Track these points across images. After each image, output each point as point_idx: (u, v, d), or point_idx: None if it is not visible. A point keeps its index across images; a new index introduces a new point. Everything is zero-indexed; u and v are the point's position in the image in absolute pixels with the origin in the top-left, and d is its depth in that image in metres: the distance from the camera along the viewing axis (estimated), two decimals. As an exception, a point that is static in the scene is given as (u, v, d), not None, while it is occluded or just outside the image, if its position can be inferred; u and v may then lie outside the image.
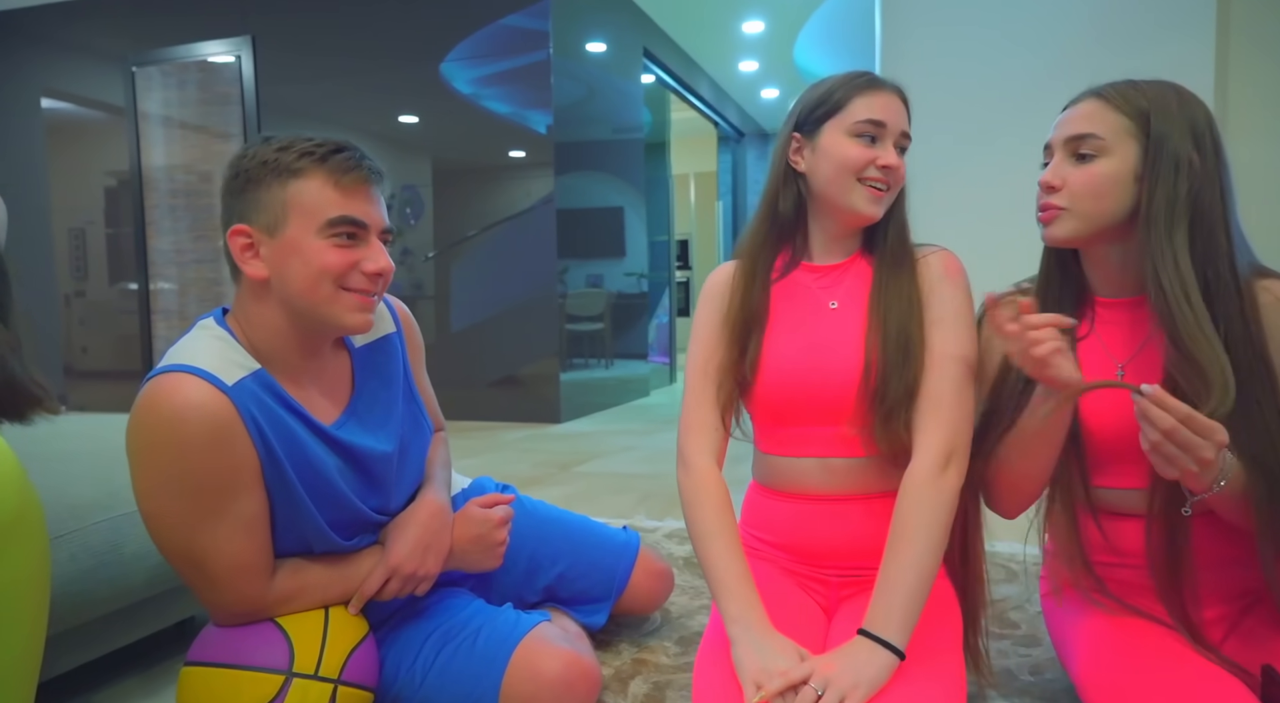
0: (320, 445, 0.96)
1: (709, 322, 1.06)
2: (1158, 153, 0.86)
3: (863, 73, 1.03)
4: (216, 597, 0.93)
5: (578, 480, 2.80)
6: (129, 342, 4.91)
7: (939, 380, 0.95)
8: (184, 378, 0.86)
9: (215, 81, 4.60)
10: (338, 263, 0.91)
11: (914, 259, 1.02)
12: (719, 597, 0.93)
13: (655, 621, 1.46)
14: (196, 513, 0.88)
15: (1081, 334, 0.96)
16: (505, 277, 4.24)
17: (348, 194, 0.92)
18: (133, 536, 1.15)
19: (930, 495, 0.91)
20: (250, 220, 0.91)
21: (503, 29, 4.12)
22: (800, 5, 5.37)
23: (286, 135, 0.94)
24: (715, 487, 1.00)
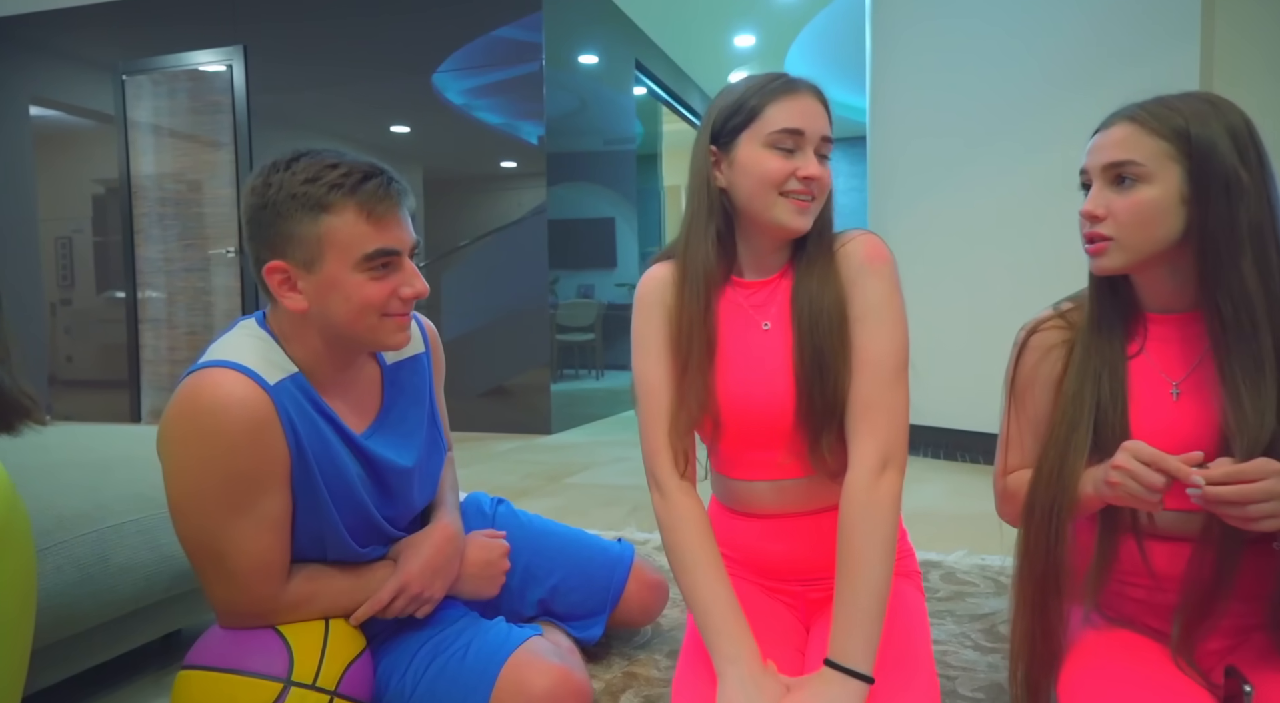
0: (347, 453, 0.98)
1: (653, 335, 0.99)
2: (1204, 173, 0.81)
3: (777, 76, 0.96)
4: (231, 595, 0.93)
5: (568, 492, 2.79)
6: (115, 351, 4.87)
7: (868, 384, 0.91)
8: (227, 373, 0.88)
9: (206, 90, 4.60)
10: (377, 295, 0.92)
11: (829, 255, 0.96)
12: (707, 633, 0.90)
13: (646, 633, 1.45)
14: (227, 507, 0.89)
15: (1132, 352, 0.91)
16: (496, 287, 4.23)
17: (380, 224, 0.92)
18: (120, 548, 1.14)
19: (869, 507, 0.89)
20: (285, 256, 0.91)
21: (495, 40, 4.14)
22: (791, 20, 5.42)
23: (310, 159, 0.92)
24: (693, 511, 0.96)
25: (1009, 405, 1.00)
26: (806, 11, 5.29)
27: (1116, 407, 0.89)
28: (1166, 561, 0.88)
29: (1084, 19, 2.70)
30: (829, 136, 0.96)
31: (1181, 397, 0.88)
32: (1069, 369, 0.93)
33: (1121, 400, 0.89)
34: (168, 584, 1.21)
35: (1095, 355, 0.91)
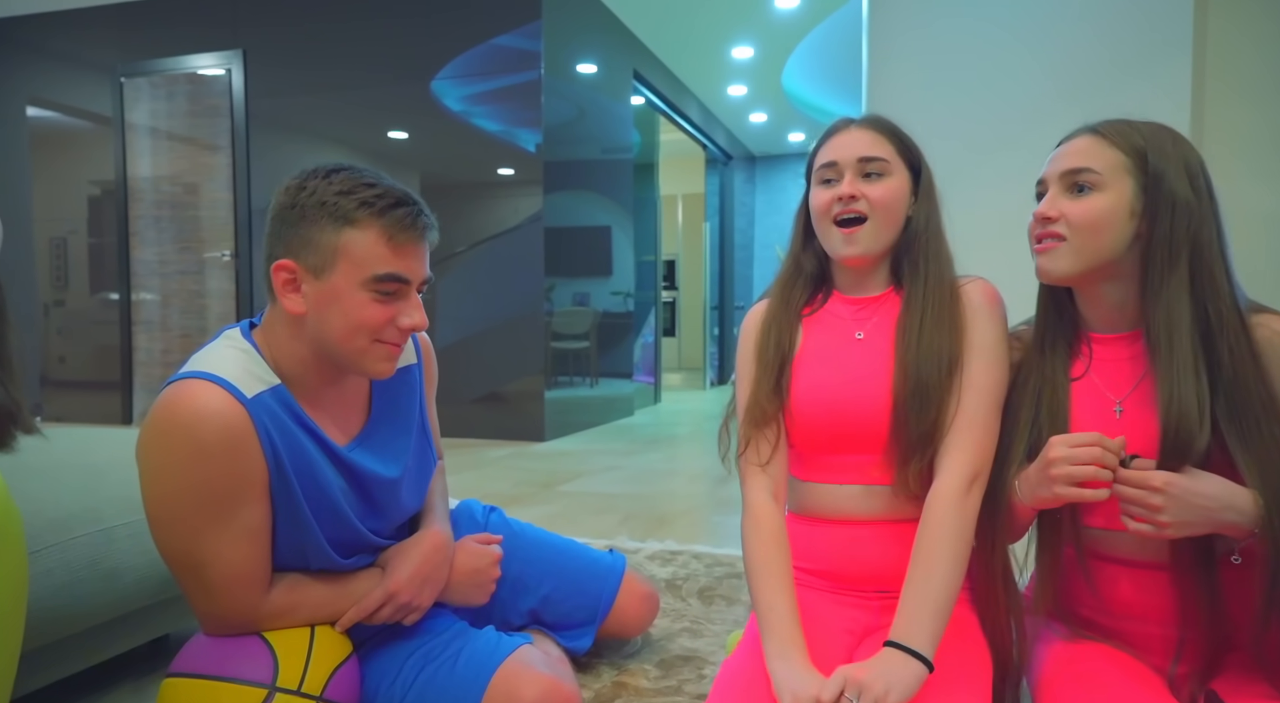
0: (329, 466, 0.98)
1: (746, 361, 1.08)
2: (1155, 190, 0.86)
3: (837, 120, 1.05)
4: (211, 605, 0.93)
5: (560, 500, 2.79)
6: (108, 352, 4.85)
7: (970, 407, 0.96)
8: (204, 385, 0.88)
9: (205, 94, 4.60)
10: (375, 318, 0.93)
11: (953, 293, 1.01)
12: (764, 632, 0.93)
13: (636, 643, 1.45)
14: (202, 518, 0.89)
15: (1077, 375, 0.95)
16: (492, 293, 4.24)
17: (398, 251, 0.93)
18: (110, 551, 1.14)
19: (953, 516, 0.92)
20: (297, 257, 0.92)
21: (494, 48, 4.16)
22: (789, 32, 5.46)
23: (350, 174, 0.93)
24: (770, 523, 1.00)
25: None
26: (804, 24, 5.33)
27: (1056, 426, 0.92)
28: (1114, 586, 0.91)
29: (1081, 34, 2.73)
30: (869, 156, 1.00)
31: (1125, 414, 0.91)
32: (1012, 388, 0.98)
33: (1062, 419, 0.93)
34: (157, 589, 1.21)
35: (1036, 375, 0.96)
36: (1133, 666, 0.90)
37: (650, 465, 3.53)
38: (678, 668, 1.35)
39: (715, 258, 8.22)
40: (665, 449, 4.04)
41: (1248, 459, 0.80)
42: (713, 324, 8.17)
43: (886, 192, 1.00)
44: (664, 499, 2.80)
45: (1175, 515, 0.79)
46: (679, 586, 1.78)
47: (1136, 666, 0.90)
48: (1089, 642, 0.94)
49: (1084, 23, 2.74)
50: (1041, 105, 2.83)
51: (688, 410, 5.95)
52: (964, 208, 3.49)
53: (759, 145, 8.70)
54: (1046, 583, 0.96)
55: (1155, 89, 2.56)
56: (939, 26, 3.19)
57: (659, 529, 2.34)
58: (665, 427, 5.01)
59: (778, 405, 1.04)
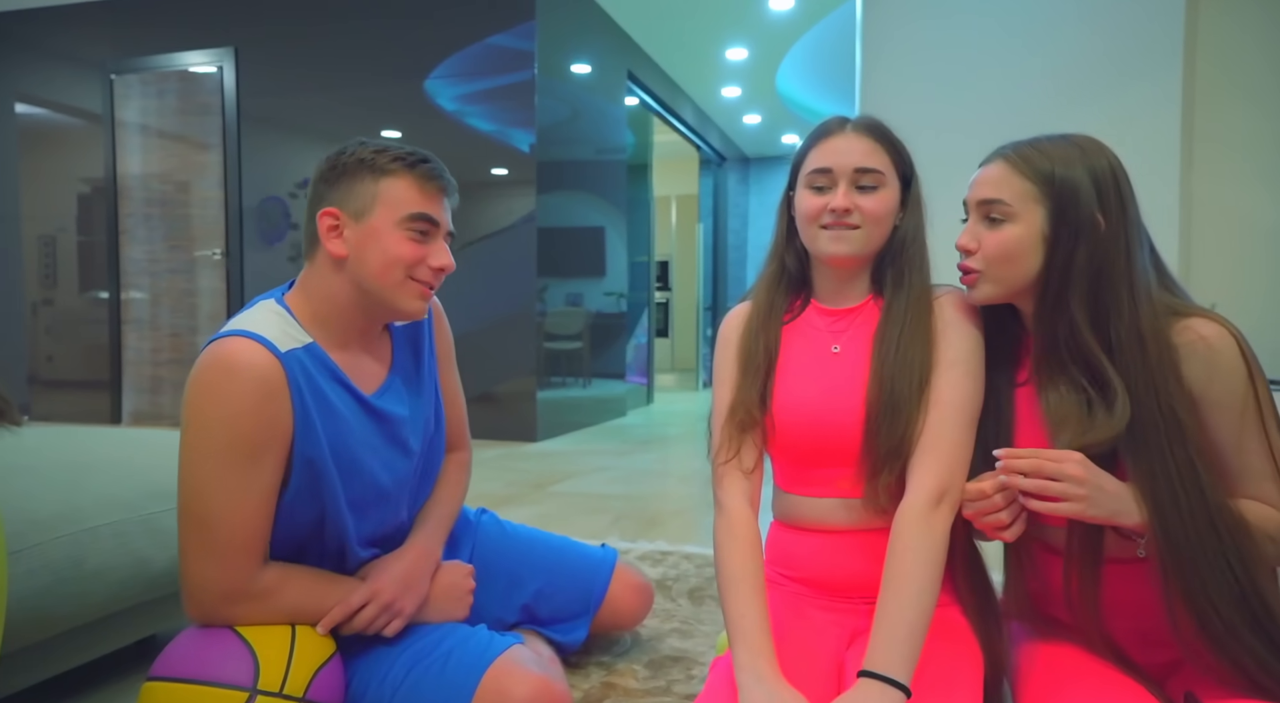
0: (360, 412, 1.05)
1: (726, 365, 1.07)
2: (1060, 218, 0.89)
3: (832, 119, 1.04)
4: (205, 568, 0.95)
5: (551, 500, 2.79)
6: (97, 351, 4.82)
7: (939, 422, 0.95)
8: (241, 341, 0.95)
9: (196, 91, 4.58)
10: (410, 253, 1.03)
11: (927, 303, 1.01)
12: (733, 642, 0.93)
13: (625, 643, 1.45)
14: (226, 466, 0.94)
15: (1021, 381, 0.97)
16: (484, 293, 4.23)
17: (427, 197, 1.05)
18: (94, 551, 1.13)
19: (920, 535, 0.90)
20: (340, 205, 1.03)
21: (488, 48, 4.15)
22: (783, 34, 5.47)
23: (380, 141, 1.06)
24: (746, 531, 0.99)
25: None
26: (798, 26, 5.34)
27: (1001, 435, 0.96)
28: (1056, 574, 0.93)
29: (1073, 36, 2.75)
30: (865, 167, 0.99)
31: None
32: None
33: (1007, 428, 0.96)
34: (142, 590, 1.20)
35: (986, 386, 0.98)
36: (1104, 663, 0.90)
37: (642, 466, 3.52)
38: (667, 668, 1.34)
39: (709, 259, 8.22)
40: (657, 450, 4.04)
41: (1137, 469, 0.84)
42: (706, 325, 8.17)
43: (880, 204, 1.00)
44: (655, 500, 2.79)
45: (1092, 495, 0.81)
46: (669, 586, 1.78)
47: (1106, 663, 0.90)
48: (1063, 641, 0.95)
49: (1075, 25, 2.75)
50: (1033, 107, 2.84)
51: (680, 411, 5.95)
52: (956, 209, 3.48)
53: (753, 147, 8.71)
54: (1015, 584, 0.98)
55: (1146, 90, 2.57)
56: (931, 29, 3.20)
57: (650, 530, 2.34)
58: (657, 427, 5.00)
59: (762, 413, 1.03)
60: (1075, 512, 0.82)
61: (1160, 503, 0.82)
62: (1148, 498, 0.82)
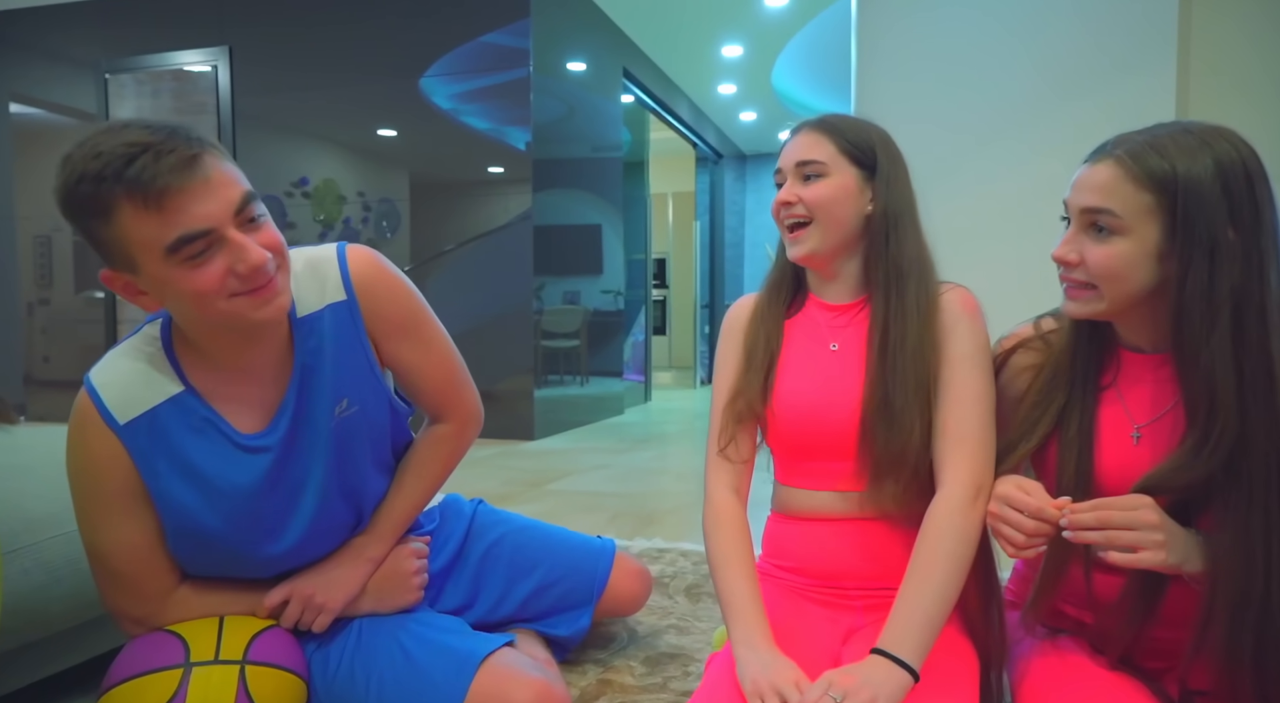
0: (242, 455, 0.96)
1: (729, 355, 1.08)
2: (1188, 237, 0.76)
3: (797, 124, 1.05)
4: (117, 597, 0.97)
5: (548, 498, 2.79)
6: (93, 351, 4.81)
7: (964, 418, 0.94)
8: (85, 402, 0.92)
9: (191, 91, 4.56)
10: (208, 283, 0.81)
11: (932, 302, 0.98)
12: (727, 620, 0.94)
13: (622, 640, 1.45)
14: (94, 512, 0.94)
15: (1105, 384, 0.90)
16: (481, 292, 4.22)
17: (166, 210, 0.78)
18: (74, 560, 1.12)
19: (958, 526, 0.90)
20: (107, 263, 0.84)
21: (483, 46, 4.14)
22: (779, 31, 5.47)
23: (79, 150, 0.79)
24: (732, 516, 1.01)
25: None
26: (794, 23, 5.33)
27: (1084, 444, 0.88)
28: (1110, 592, 0.88)
29: (1067, 30, 2.75)
30: (806, 160, 0.99)
31: (1142, 442, 0.87)
32: (1030, 394, 0.94)
33: (1090, 438, 0.88)
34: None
35: (1064, 390, 0.91)
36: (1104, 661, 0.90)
37: (639, 464, 3.53)
38: (664, 665, 1.34)
39: (705, 256, 8.22)
40: (654, 448, 4.04)
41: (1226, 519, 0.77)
42: (703, 323, 8.18)
43: (820, 192, 0.98)
44: (652, 498, 2.80)
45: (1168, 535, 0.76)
46: (666, 583, 1.78)
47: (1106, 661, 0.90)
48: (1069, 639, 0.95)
49: (1070, 18, 2.75)
50: (1029, 101, 2.84)
51: (678, 409, 5.95)
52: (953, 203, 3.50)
53: (749, 144, 8.71)
54: (1047, 587, 0.91)
55: (1140, 84, 2.58)
56: (926, 24, 3.20)
57: (647, 527, 2.34)
58: (655, 425, 5.01)
59: (763, 406, 1.03)
60: (1153, 562, 0.75)
61: (1243, 556, 0.75)
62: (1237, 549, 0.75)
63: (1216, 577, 0.77)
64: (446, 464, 1.15)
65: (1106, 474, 0.87)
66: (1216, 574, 0.77)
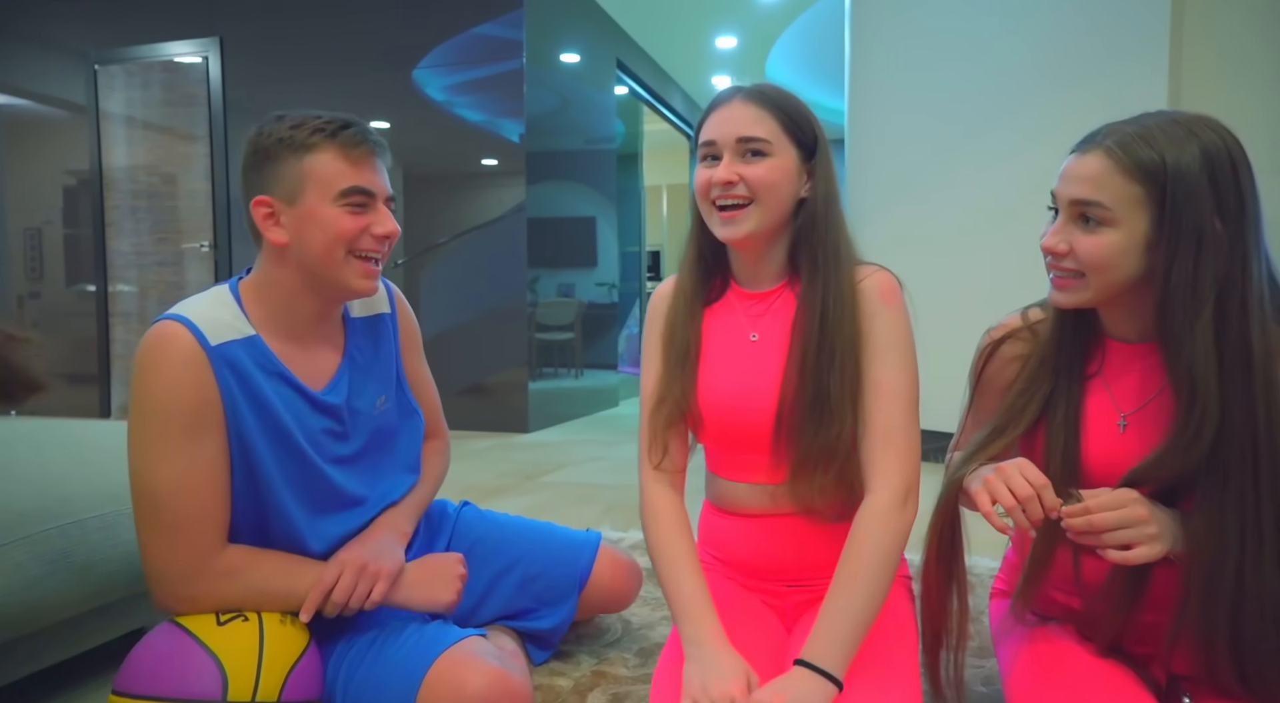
0: (305, 408, 1.03)
1: (654, 343, 1.06)
2: (1175, 227, 0.77)
3: (723, 90, 0.98)
4: (164, 550, 0.95)
5: (543, 491, 2.79)
6: (85, 345, 4.79)
7: (890, 413, 0.92)
8: (172, 325, 0.95)
9: (181, 82, 4.53)
10: (351, 228, 1.00)
11: (851, 289, 0.95)
12: (677, 618, 0.93)
13: (616, 632, 1.46)
14: (161, 444, 0.94)
15: (1091, 372, 0.91)
16: (475, 285, 4.22)
17: (357, 166, 1.00)
18: (82, 543, 1.12)
19: (888, 532, 0.89)
20: (271, 191, 1.00)
21: (476, 37, 4.12)
22: (773, 22, 5.45)
23: (297, 113, 1.01)
24: (669, 508, 1.00)
25: (969, 400, 1.04)
26: (787, 14, 5.32)
27: (1070, 432, 0.89)
28: (1096, 574, 0.89)
29: (1059, 24, 2.75)
30: (750, 136, 0.93)
31: (1128, 429, 0.88)
32: (1018, 382, 0.94)
33: (1075, 426, 0.89)
34: (130, 582, 1.20)
35: (1049, 378, 0.91)
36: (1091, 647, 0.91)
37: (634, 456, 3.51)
38: (657, 656, 1.35)
39: (700, 249, 8.20)
40: (649, 440, 4.04)
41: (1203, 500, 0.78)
42: (698, 315, 8.16)
43: (767, 173, 0.93)
44: (647, 489, 2.80)
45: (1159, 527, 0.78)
46: (660, 574, 1.78)
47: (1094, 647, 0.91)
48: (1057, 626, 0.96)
49: (1063, 7, 2.75)
50: (1022, 91, 2.84)
51: (672, 401, 5.94)
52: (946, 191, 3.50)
53: (743, 136, 8.68)
54: (1037, 571, 0.91)
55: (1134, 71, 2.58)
56: (919, 15, 3.19)
57: (642, 519, 2.35)
58: (650, 417, 5.01)
59: (689, 405, 1.01)
60: (1150, 556, 0.77)
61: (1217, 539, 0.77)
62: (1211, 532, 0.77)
63: (1194, 558, 0.78)
64: (443, 472, 1.31)
65: (1093, 461, 0.88)
66: (1194, 556, 0.78)
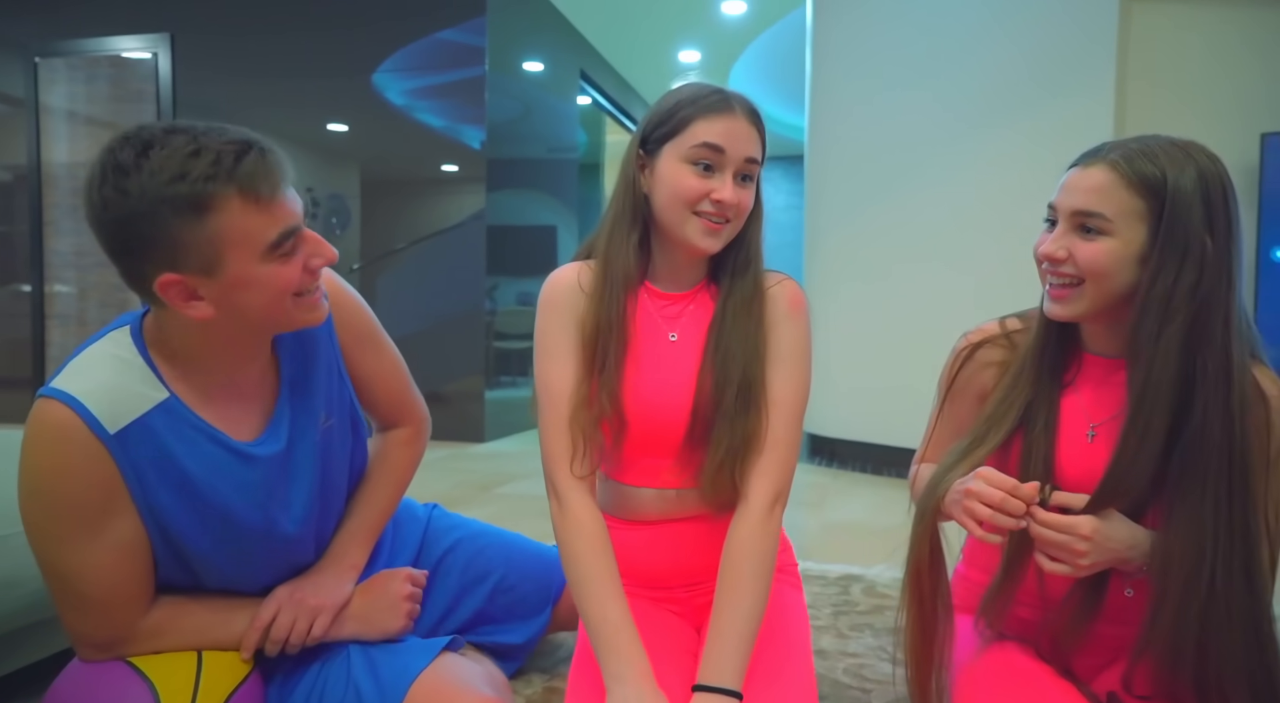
0: (236, 464, 0.91)
1: (560, 337, 0.97)
2: (1168, 240, 0.80)
3: (714, 90, 0.93)
4: (84, 622, 0.88)
5: (498, 502, 2.75)
6: (18, 346, 4.58)
7: (776, 424, 0.94)
8: (61, 410, 0.82)
9: (129, 78, 4.39)
10: (292, 277, 0.86)
11: (761, 293, 0.97)
12: (598, 649, 0.88)
13: (568, 648, 1.43)
14: (67, 532, 0.84)
15: (1065, 381, 0.93)
16: (432, 291, 4.16)
17: (272, 207, 0.82)
18: (5, 562, 1.06)
19: (758, 540, 0.91)
20: (176, 266, 0.80)
21: (438, 42, 4.08)
22: (736, 37, 5.52)
23: (162, 150, 0.78)
24: (594, 522, 0.94)
25: (939, 405, 1.04)
26: (750, 30, 5.39)
27: (1046, 440, 0.91)
28: (1059, 585, 0.90)
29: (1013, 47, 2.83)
30: (755, 159, 0.93)
31: (1096, 439, 0.90)
32: (997, 390, 0.95)
33: (1052, 435, 0.91)
34: (59, 600, 1.14)
35: (1029, 387, 0.92)
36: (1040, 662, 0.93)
37: (591, 467, 3.50)
38: (611, 673, 1.33)
39: (660, 259, 8.23)
40: (607, 451, 4.02)
41: (1179, 510, 0.81)
42: (657, 326, 8.18)
43: (751, 198, 0.95)
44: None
45: (1093, 559, 0.81)
46: (616, 589, 1.77)
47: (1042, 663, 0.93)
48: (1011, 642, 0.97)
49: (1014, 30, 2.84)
50: (976, 107, 2.92)
51: (631, 412, 5.93)
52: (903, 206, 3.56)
53: (705, 149, 8.75)
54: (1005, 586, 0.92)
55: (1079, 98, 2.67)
56: (879, 34, 3.26)
57: (598, 532, 2.32)
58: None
59: (612, 406, 0.95)
60: (1063, 572, 0.82)
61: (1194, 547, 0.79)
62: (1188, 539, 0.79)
63: (1169, 564, 0.81)
64: (410, 467, 1.17)
65: (1064, 468, 0.90)
66: (1169, 562, 0.81)
